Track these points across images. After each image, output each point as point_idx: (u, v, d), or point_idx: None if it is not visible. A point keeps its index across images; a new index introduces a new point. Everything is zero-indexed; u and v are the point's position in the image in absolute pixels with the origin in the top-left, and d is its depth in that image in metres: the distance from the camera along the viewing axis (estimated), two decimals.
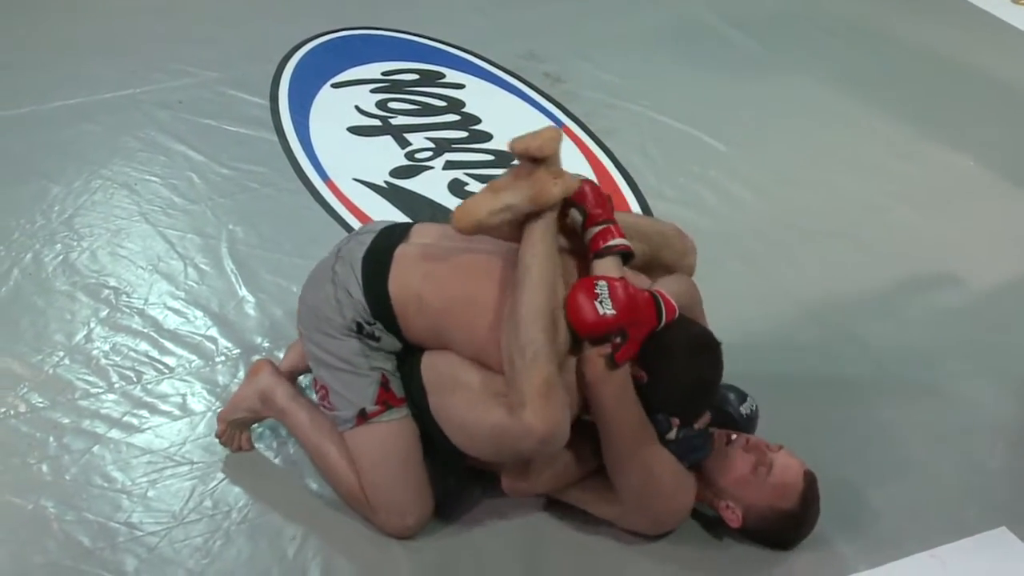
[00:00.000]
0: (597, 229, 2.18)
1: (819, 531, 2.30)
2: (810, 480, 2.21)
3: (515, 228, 2.16)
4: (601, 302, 2.06)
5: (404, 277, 2.20)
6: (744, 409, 2.32)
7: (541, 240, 2.13)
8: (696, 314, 2.31)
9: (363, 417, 2.21)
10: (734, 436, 2.23)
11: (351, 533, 2.28)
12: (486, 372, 2.14)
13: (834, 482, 2.36)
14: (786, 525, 2.22)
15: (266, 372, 2.43)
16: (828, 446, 2.49)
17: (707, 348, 2.17)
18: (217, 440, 2.43)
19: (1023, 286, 3.14)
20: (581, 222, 2.21)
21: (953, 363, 2.84)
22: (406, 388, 2.24)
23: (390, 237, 2.28)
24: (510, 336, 2.07)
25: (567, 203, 2.21)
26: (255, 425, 2.47)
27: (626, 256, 2.20)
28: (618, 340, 2.07)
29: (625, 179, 3.52)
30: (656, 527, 2.27)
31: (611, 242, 2.17)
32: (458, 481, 2.35)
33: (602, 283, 2.09)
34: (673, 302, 2.14)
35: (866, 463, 2.51)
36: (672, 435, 2.16)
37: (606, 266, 2.16)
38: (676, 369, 2.14)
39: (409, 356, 2.26)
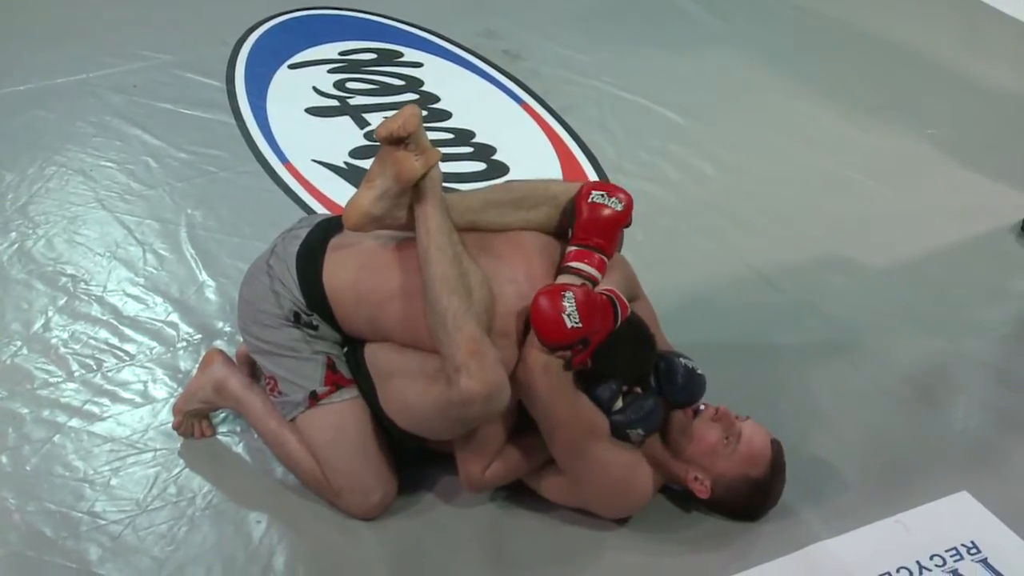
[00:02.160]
0: (577, 249, 2.18)
1: (784, 501, 2.31)
2: (777, 448, 2.22)
3: (410, 215, 2.16)
4: (568, 315, 2.06)
5: (338, 271, 2.21)
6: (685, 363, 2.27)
7: (432, 215, 2.13)
8: (636, 294, 2.34)
9: (314, 399, 2.21)
10: (701, 407, 2.23)
11: (317, 515, 2.27)
12: (424, 355, 2.14)
13: (797, 451, 2.38)
14: (754, 494, 2.23)
15: (218, 362, 2.42)
16: (788, 415, 2.51)
17: (647, 341, 2.20)
18: (175, 431, 2.42)
19: (973, 255, 3.17)
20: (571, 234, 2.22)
21: (911, 331, 2.86)
22: (358, 383, 2.24)
23: (325, 230, 2.30)
24: (430, 314, 2.08)
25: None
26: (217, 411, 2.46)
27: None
28: (580, 347, 2.08)
29: (585, 154, 3.51)
30: (618, 514, 2.28)
31: (582, 266, 2.17)
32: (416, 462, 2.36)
33: (569, 295, 2.08)
34: (624, 300, 2.16)
35: (828, 431, 2.52)
36: (619, 404, 2.16)
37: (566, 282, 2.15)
38: (621, 364, 2.16)
39: (353, 351, 2.26)
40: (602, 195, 2.22)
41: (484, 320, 2.09)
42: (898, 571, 2.20)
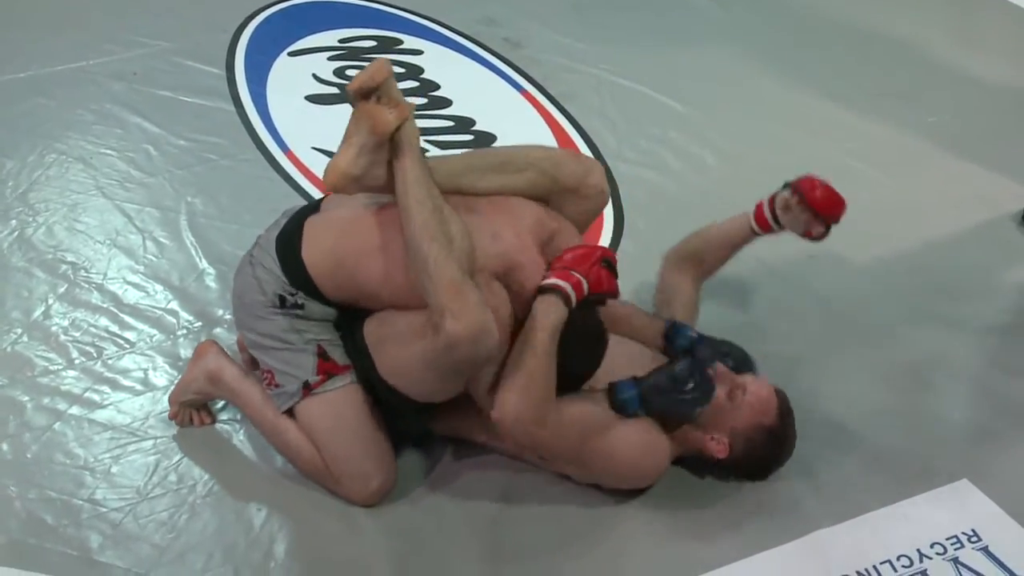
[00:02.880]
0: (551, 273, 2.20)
1: (785, 489, 2.33)
2: (782, 396, 2.26)
3: (390, 173, 2.17)
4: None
5: (316, 242, 2.22)
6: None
7: (410, 168, 2.14)
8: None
9: (307, 389, 2.22)
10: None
11: (318, 503, 2.27)
12: (411, 313, 2.14)
13: (798, 439, 2.38)
14: (770, 443, 2.23)
15: (212, 353, 2.42)
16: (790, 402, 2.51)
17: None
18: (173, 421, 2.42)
19: (973, 243, 3.17)
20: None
21: (911, 319, 2.86)
22: (356, 364, 2.24)
23: (302, 213, 2.32)
24: (413, 264, 2.09)
25: None
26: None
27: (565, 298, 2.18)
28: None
29: (586, 142, 3.51)
30: (634, 486, 2.29)
31: (549, 281, 2.18)
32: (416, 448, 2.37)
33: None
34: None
35: (828, 419, 2.52)
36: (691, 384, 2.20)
37: (537, 308, 2.16)
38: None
39: (351, 333, 2.25)
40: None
41: (466, 266, 2.09)
42: (898, 559, 2.20)
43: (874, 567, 2.18)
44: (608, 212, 3.08)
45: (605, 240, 3.05)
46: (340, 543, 2.21)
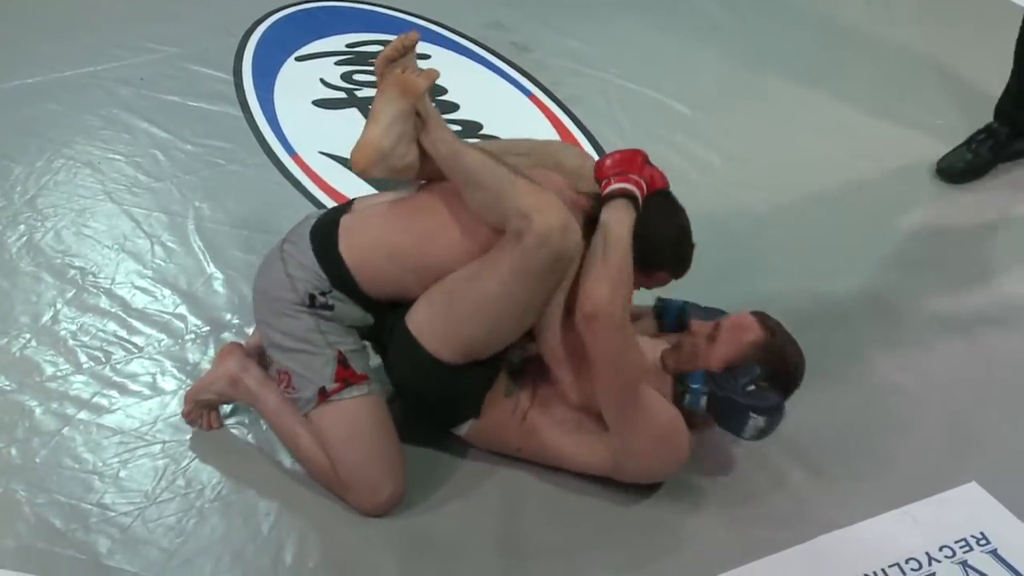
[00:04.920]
0: (605, 182, 2.22)
1: (793, 490, 2.33)
2: (759, 314, 2.28)
3: (418, 162, 2.21)
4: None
5: (355, 238, 2.23)
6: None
7: (443, 131, 2.19)
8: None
9: (323, 395, 2.21)
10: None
11: (326, 507, 2.27)
12: (476, 261, 2.16)
13: (804, 443, 2.39)
14: (770, 359, 2.22)
15: (236, 356, 2.42)
16: (796, 403, 2.49)
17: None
18: (184, 420, 2.42)
19: (983, 246, 3.17)
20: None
21: (918, 317, 2.86)
22: (399, 365, 2.25)
23: (335, 211, 2.33)
24: (479, 198, 2.12)
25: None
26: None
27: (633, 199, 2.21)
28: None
29: (593, 146, 3.51)
30: (656, 471, 2.28)
31: (614, 186, 2.20)
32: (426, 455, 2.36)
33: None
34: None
35: (835, 421, 2.52)
36: (751, 388, 2.19)
37: (609, 213, 2.18)
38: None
39: (384, 333, 2.26)
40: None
41: None
42: (907, 562, 2.20)
43: (882, 570, 2.18)
44: None
45: None
46: (349, 547, 2.22)
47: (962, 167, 3.39)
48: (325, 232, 2.25)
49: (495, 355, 2.25)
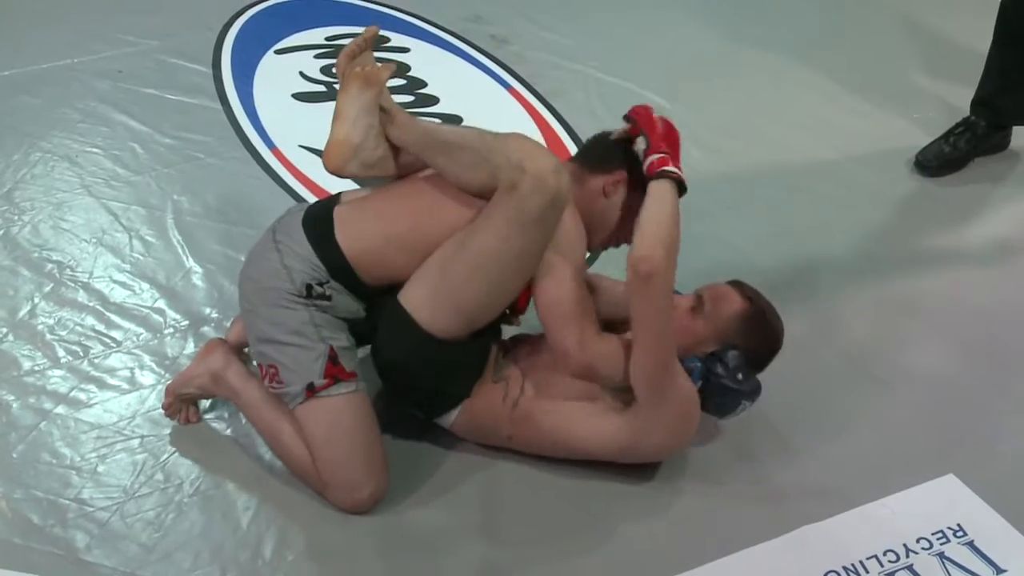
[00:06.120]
0: (657, 157, 2.23)
1: (771, 485, 2.33)
2: (738, 283, 2.32)
3: (389, 155, 2.27)
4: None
5: (351, 226, 2.24)
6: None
7: (412, 123, 2.24)
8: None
9: (311, 391, 2.20)
10: None
11: (305, 502, 2.27)
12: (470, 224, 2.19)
13: (784, 433, 2.39)
14: (756, 324, 2.28)
15: (219, 352, 2.41)
16: (775, 399, 2.51)
17: None
18: (163, 412, 2.41)
19: (957, 238, 3.19)
20: (644, 148, 2.26)
21: (895, 310, 2.88)
22: (390, 343, 2.24)
23: (325, 202, 2.35)
24: (473, 161, 2.15)
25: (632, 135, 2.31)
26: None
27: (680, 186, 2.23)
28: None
29: (572, 139, 3.51)
30: (671, 445, 2.29)
31: (668, 168, 2.22)
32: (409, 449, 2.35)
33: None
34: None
35: (813, 416, 2.53)
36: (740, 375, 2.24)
37: (660, 189, 2.20)
38: None
39: (377, 318, 2.26)
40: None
41: None
42: (885, 554, 2.21)
43: (860, 562, 2.19)
44: None
45: None
46: (329, 542, 2.21)
47: (940, 160, 3.41)
48: (320, 223, 2.25)
49: (488, 328, 2.25)
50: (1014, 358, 2.75)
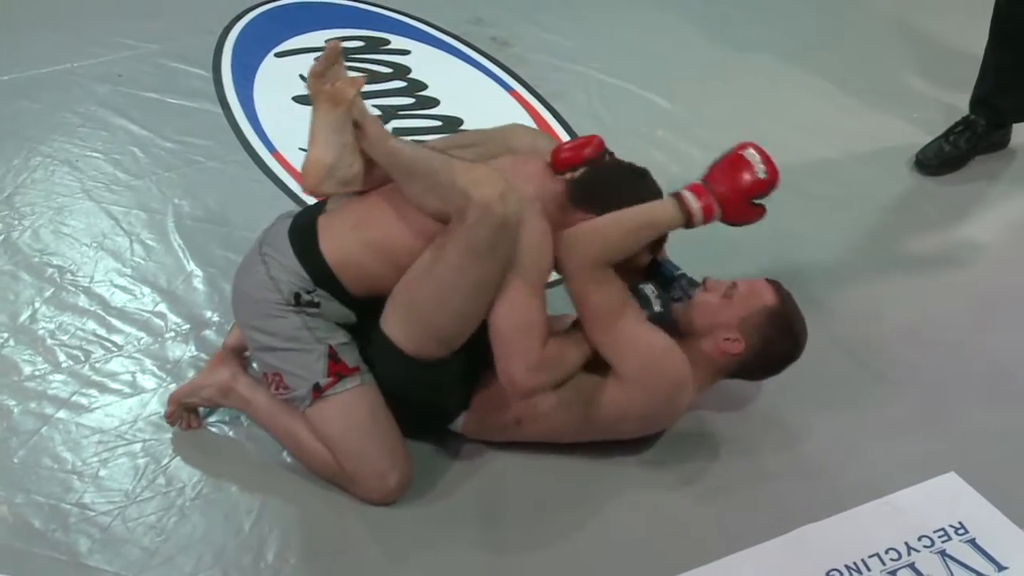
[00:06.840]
0: (697, 182, 2.32)
1: (773, 481, 2.33)
2: (774, 282, 2.34)
3: (363, 170, 2.25)
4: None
5: (334, 238, 2.24)
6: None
7: (378, 130, 2.23)
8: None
9: (318, 391, 2.21)
10: (691, 293, 2.36)
11: (307, 504, 2.27)
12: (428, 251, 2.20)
13: (786, 432, 2.39)
14: (779, 322, 2.29)
15: (228, 364, 2.42)
16: (777, 396, 2.52)
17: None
18: (165, 420, 2.41)
19: (955, 239, 3.19)
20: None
21: (895, 308, 2.87)
22: (385, 373, 2.25)
23: (309, 212, 2.35)
24: (423, 190, 2.16)
25: None
26: None
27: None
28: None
29: None
30: (661, 404, 2.28)
31: (688, 192, 2.30)
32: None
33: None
34: None
35: (814, 414, 2.53)
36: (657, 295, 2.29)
37: (659, 202, 2.30)
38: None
39: (366, 335, 2.26)
40: (756, 157, 2.32)
41: None
42: (887, 552, 2.21)
43: (862, 560, 2.19)
44: None
45: None
46: (331, 544, 2.21)
47: (940, 159, 3.41)
48: (304, 233, 2.26)
49: (474, 342, 2.24)
50: (1014, 356, 2.75)
